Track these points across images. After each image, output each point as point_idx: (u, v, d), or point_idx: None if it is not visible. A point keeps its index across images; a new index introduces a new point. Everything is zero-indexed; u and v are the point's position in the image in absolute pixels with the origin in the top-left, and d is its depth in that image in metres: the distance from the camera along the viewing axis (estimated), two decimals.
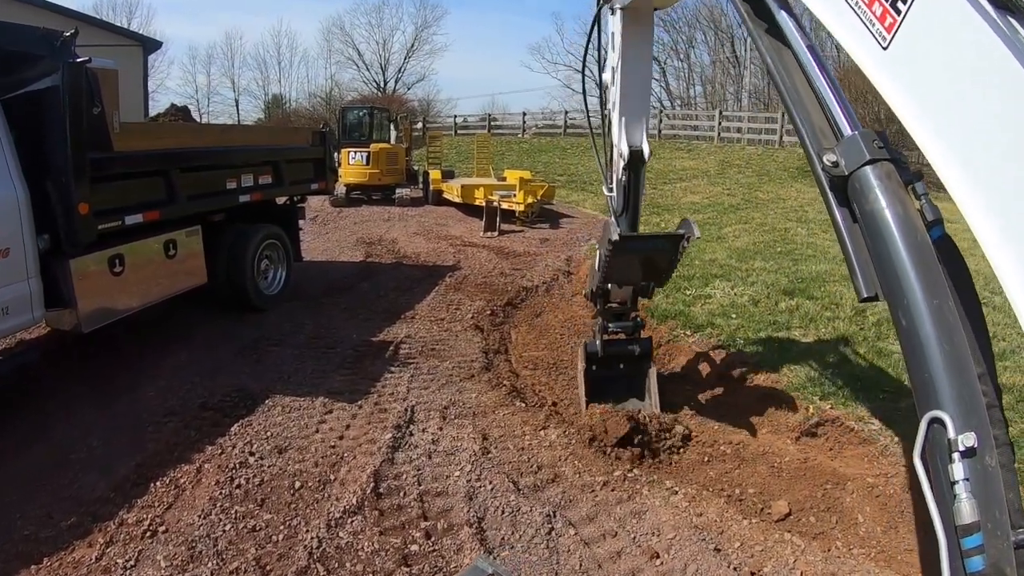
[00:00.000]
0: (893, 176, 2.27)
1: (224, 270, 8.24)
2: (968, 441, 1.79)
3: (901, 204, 2.20)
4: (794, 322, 7.94)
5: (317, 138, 10.46)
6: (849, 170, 2.34)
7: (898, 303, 2.12)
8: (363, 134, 20.53)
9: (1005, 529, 1.76)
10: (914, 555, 4.28)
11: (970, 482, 1.78)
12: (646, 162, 5.59)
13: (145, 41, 30.91)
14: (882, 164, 2.29)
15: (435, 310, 9.19)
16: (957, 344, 1.96)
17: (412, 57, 61.48)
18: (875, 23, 2.16)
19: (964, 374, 1.93)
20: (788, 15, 2.83)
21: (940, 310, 2.01)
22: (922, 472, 1.88)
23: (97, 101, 5.91)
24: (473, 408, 6.09)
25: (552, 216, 17.39)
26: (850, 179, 2.35)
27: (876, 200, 2.23)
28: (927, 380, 1.96)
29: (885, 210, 2.20)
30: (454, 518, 4.41)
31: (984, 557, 1.72)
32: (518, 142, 34.86)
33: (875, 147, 2.32)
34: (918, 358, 2.01)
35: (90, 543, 4.10)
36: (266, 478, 4.83)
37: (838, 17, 2.33)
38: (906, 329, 2.07)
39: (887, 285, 2.19)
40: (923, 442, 1.90)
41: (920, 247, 2.12)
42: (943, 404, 1.89)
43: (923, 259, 2.10)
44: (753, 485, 5.11)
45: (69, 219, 5.68)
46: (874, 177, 2.27)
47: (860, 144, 2.35)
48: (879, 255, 2.22)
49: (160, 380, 6.50)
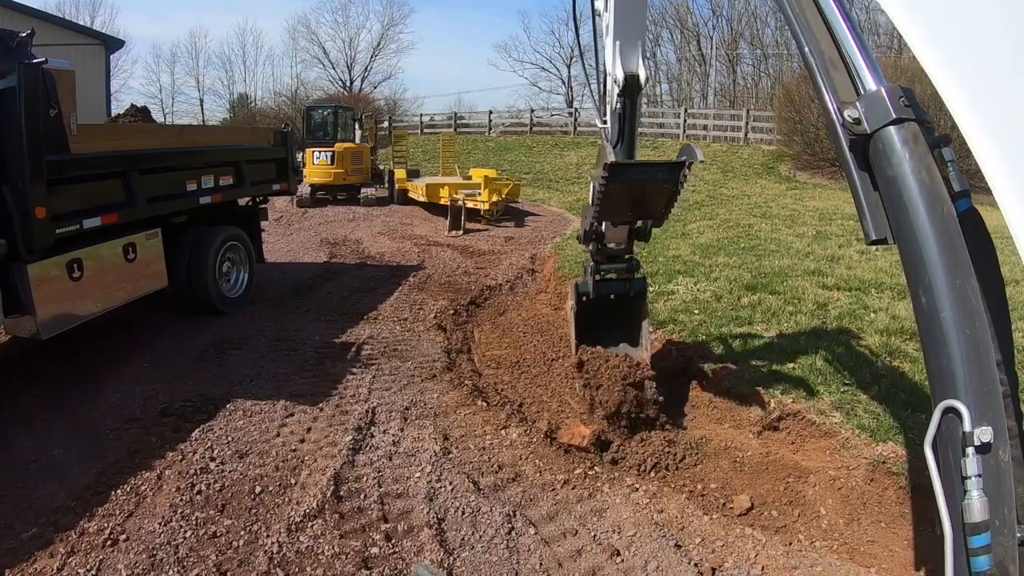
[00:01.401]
0: (920, 139, 2.06)
1: (185, 273, 8.19)
2: (985, 436, 1.70)
3: (927, 171, 2.01)
4: (756, 317, 8.07)
5: (279, 138, 10.39)
6: (872, 128, 2.11)
7: (919, 280, 1.95)
8: (328, 134, 20.41)
9: (1012, 526, 1.71)
10: (877, 547, 4.36)
11: (983, 478, 1.70)
12: (643, 88, 5.43)
13: (107, 40, 30.37)
14: (908, 124, 2.06)
15: (398, 310, 9.21)
16: (979, 329, 1.84)
17: (379, 55, 61.18)
18: None
19: (984, 363, 1.82)
20: None
21: (963, 292, 1.87)
22: (932, 462, 1.78)
23: (54, 103, 5.85)
24: (434, 408, 6.12)
25: (517, 214, 17.46)
26: (872, 139, 2.12)
27: (900, 164, 2.03)
28: (945, 367, 1.83)
29: (909, 176, 2.01)
30: (414, 520, 4.45)
31: (990, 557, 1.66)
32: (484, 141, 34.92)
33: (902, 105, 2.09)
34: (937, 343, 1.87)
35: (51, 553, 4.08)
36: (227, 483, 4.84)
37: None
38: (926, 310, 1.91)
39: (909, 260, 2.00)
40: (935, 432, 1.80)
41: (945, 220, 1.95)
42: (960, 394, 1.78)
43: (948, 234, 1.94)
44: (715, 480, 5.18)
45: (26, 224, 5.61)
46: (899, 139, 2.06)
47: (886, 100, 2.11)
48: (900, 226, 2.04)
49: (121, 386, 6.45)
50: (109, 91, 29.14)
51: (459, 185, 17.03)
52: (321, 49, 60.49)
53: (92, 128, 7.39)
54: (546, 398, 6.56)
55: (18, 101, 5.42)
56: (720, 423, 5.99)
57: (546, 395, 6.62)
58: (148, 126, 12.75)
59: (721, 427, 5.93)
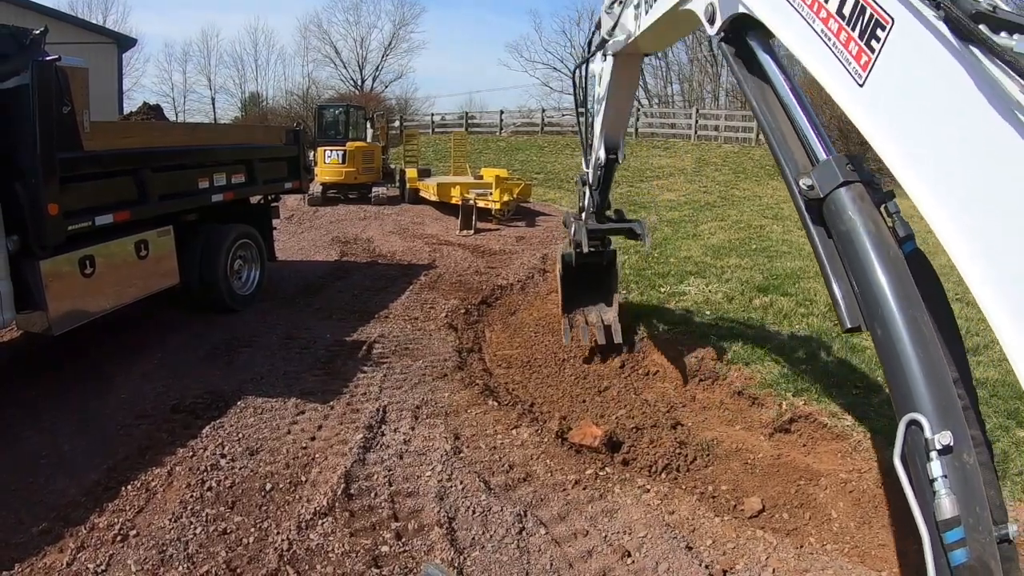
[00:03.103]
0: (865, 197, 2.38)
1: (197, 270, 8.19)
2: (944, 439, 1.86)
3: (873, 222, 2.31)
4: (768, 319, 8.04)
5: (291, 136, 10.41)
6: (824, 192, 2.46)
7: (874, 315, 2.21)
8: (339, 132, 20.40)
9: (987, 525, 1.81)
10: (888, 550, 4.33)
11: (948, 479, 1.84)
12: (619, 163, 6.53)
13: (120, 38, 30.58)
14: (854, 186, 2.40)
15: (409, 309, 9.20)
16: (931, 351, 2.06)
17: (390, 55, 61.25)
18: (851, 62, 2.26)
19: (939, 378, 2.01)
20: (770, 56, 2.98)
21: (914, 319, 2.11)
22: (903, 474, 1.94)
23: (67, 100, 5.86)
24: (445, 407, 6.11)
25: (529, 214, 17.44)
26: (825, 201, 2.46)
27: (850, 220, 2.34)
28: (903, 385, 2.04)
29: (859, 228, 2.31)
30: (425, 519, 4.44)
31: (967, 550, 1.77)
32: (496, 140, 34.88)
33: (847, 170, 2.43)
34: (894, 365, 2.10)
35: (61, 548, 4.08)
36: (237, 480, 4.83)
37: (817, 57, 2.43)
38: (882, 338, 2.16)
39: (863, 298, 2.28)
40: (902, 444, 1.97)
41: (893, 261, 2.23)
42: (919, 407, 1.97)
43: (896, 273, 2.20)
44: (726, 482, 5.17)
45: (38, 220, 5.63)
46: (847, 198, 2.38)
47: (834, 168, 2.47)
48: (855, 271, 2.32)
49: (131, 382, 6.47)
50: (121, 89, 29.32)
51: (470, 184, 17.00)
52: (333, 48, 60.67)
53: (105, 125, 7.39)
54: (557, 398, 6.55)
55: (31, 98, 5.44)
56: (731, 425, 5.97)
57: (557, 395, 6.61)
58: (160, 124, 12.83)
59: (732, 429, 5.90)
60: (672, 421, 5.95)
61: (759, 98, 2.99)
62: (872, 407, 5.67)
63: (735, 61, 3.19)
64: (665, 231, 14.10)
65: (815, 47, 2.44)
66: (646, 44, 5.22)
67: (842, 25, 2.30)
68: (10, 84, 5.46)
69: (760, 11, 2.85)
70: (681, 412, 6.25)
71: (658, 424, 5.86)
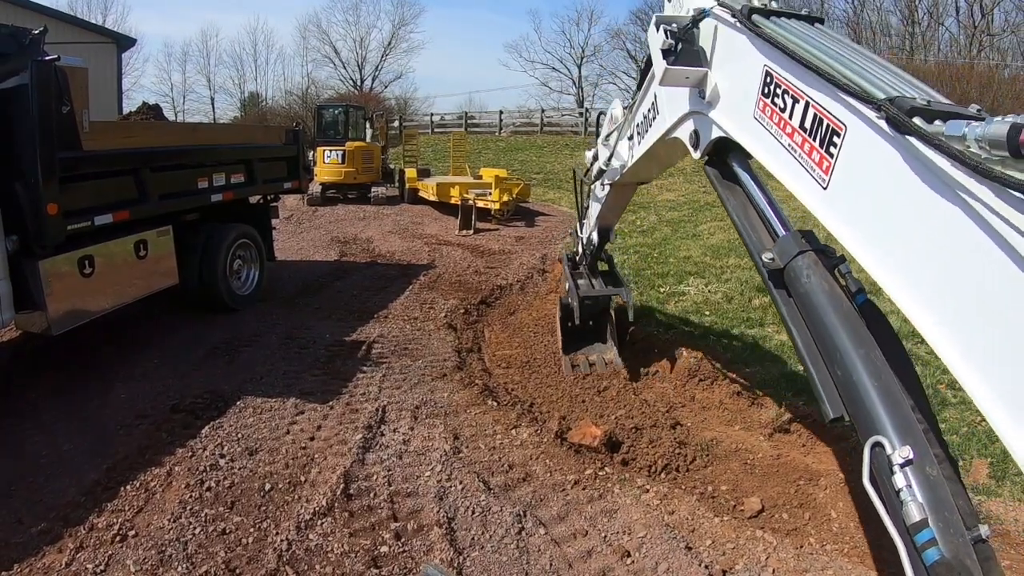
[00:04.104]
0: (818, 262, 2.77)
1: (196, 270, 8.20)
2: (904, 453, 2.07)
3: (827, 282, 2.69)
4: (767, 319, 8.04)
5: (290, 136, 10.41)
6: (783, 263, 2.88)
7: (834, 360, 2.50)
8: (339, 132, 20.41)
9: (959, 528, 1.93)
10: (887, 551, 4.26)
11: (912, 487, 1.99)
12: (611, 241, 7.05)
13: (119, 38, 30.60)
14: (808, 254, 2.81)
15: (408, 309, 9.20)
16: (886, 381, 2.32)
17: (389, 55, 61.40)
18: (815, 168, 2.55)
19: (895, 403, 2.24)
20: (741, 167, 3.49)
21: (868, 356, 2.39)
22: (873, 493, 2.12)
23: (66, 100, 5.86)
24: (445, 407, 6.11)
25: (528, 214, 17.45)
26: (785, 270, 2.87)
27: (806, 282, 2.73)
28: (864, 412, 2.29)
29: (815, 288, 2.68)
30: (424, 519, 4.44)
31: (938, 549, 1.88)
32: (495, 140, 34.86)
33: (802, 242, 2.86)
34: (854, 398, 2.35)
35: (60, 548, 4.09)
36: (236, 480, 4.84)
37: (786, 168, 2.75)
38: (841, 378, 2.44)
39: (824, 348, 2.59)
40: (869, 466, 2.17)
41: (846, 313, 2.57)
42: (880, 429, 2.19)
43: (849, 321, 2.53)
44: (725, 482, 5.15)
45: (38, 220, 5.63)
46: (803, 265, 2.78)
47: (791, 241, 2.91)
48: (814, 325, 2.65)
49: (131, 382, 6.47)
50: (121, 89, 29.34)
51: (470, 185, 17.01)
52: (332, 48, 60.77)
53: (104, 125, 7.39)
54: (556, 398, 6.54)
55: (31, 98, 5.44)
56: (731, 425, 5.96)
57: (557, 395, 6.60)
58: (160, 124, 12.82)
59: (732, 429, 5.89)
60: (671, 421, 5.94)
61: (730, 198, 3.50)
62: None
63: (715, 178, 3.66)
64: (664, 231, 14.12)
65: (784, 160, 2.75)
66: (640, 173, 5.70)
67: (805, 137, 2.60)
68: (10, 84, 5.45)
69: (735, 132, 3.23)
70: (680, 412, 6.24)
71: (657, 424, 5.85)
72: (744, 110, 3.07)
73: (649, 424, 5.85)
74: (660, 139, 4.37)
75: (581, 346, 7.38)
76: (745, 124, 3.09)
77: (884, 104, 2.11)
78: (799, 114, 2.62)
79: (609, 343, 7.37)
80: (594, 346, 7.42)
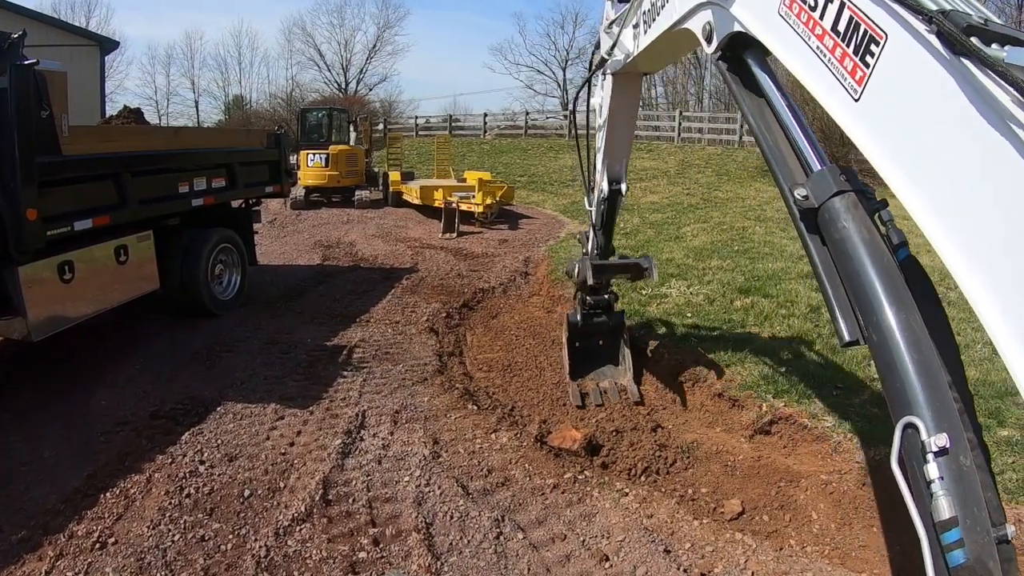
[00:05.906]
0: (859, 205, 2.43)
1: (177, 275, 8.17)
2: (940, 441, 1.88)
3: (867, 230, 2.36)
4: (749, 320, 8.09)
5: (272, 140, 10.39)
6: (819, 202, 2.50)
7: (868, 320, 2.25)
8: (322, 136, 20.40)
9: (985, 525, 1.82)
10: (868, 551, 4.37)
11: (945, 480, 1.85)
12: (623, 196, 6.34)
13: (102, 41, 30.31)
14: (848, 195, 2.44)
15: (390, 313, 9.20)
16: (925, 354, 2.08)
17: (374, 58, 61.28)
18: (847, 77, 2.28)
19: (934, 381, 2.04)
20: (766, 73, 3.03)
21: (907, 323, 2.14)
22: (900, 477, 1.96)
23: (45, 104, 5.83)
24: (425, 412, 6.12)
25: (512, 217, 17.48)
26: (820, 210, 2.51)
27: (844, 228, 2.39)
28: (899, 388, 2.07)
29: (853, 236, 2.36)
30: (402, 524, 4.45)
31: (964, 551, 1.78)
32: (479, 143, 34.91)
33: (841, 180, 2.48)
34: (889, 368, 2.12)
35: (40, 556, 4.08)
36: (216, 487, 4.84)
37: (812, 73, 2.46)
38: (877, 343, 2.20)
39: (859, 304, 2.33)
40: (899, 448, 1.99)
41: (887, 268, 2.27)
42: (915, 409, 1.99)
43: (890, 278, 2.24)
44: (706, 484, 5.20)
45: (17, 225, 5.59)
46: (841, 207, 2.43)
47: (828, 178, 2.52)
48: (849, 278, 2.36)
49: (112, 389, 6.44)
50: (104, 92, 29.13)
51: (453, 188, 17.02)
52: (316, 51, 60.54)
53: (84, 129, 7.37)
54: (537, 401, 6.58)
55: (9, 103, 5.41)
56: (712, 427, 6.01)
57: (538, 398, 6.64)
58: (140, 128, 12.71)
59: (713, 431, 5.94)
60: (652, 424, 5.98)
61: (755, 113, 3.06)
62: (853, 408, 5.71)
63: (732, 78, 3.24)
64: (648, 233, 14.16)
65: (811, 64, 2.47)
66: (644, 64, 5.26)
67: (837, 42, 2.33)
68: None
69: (756, 29, 2.88)
70: (661, 415, 6.29)
71: (638, 427, 5.90)
72: (768, 4, 2.76)
73: (630, 427, 5.90)
74: (669, 29, 3.99)
75: (590, 369, 6.90)
76: (769, 21, 2.77)
77: (936, 17, 1.85)
78: (832, 15, 2.35)
79: (622, 366, 6.93)
80: (604, 369, 6.95)
